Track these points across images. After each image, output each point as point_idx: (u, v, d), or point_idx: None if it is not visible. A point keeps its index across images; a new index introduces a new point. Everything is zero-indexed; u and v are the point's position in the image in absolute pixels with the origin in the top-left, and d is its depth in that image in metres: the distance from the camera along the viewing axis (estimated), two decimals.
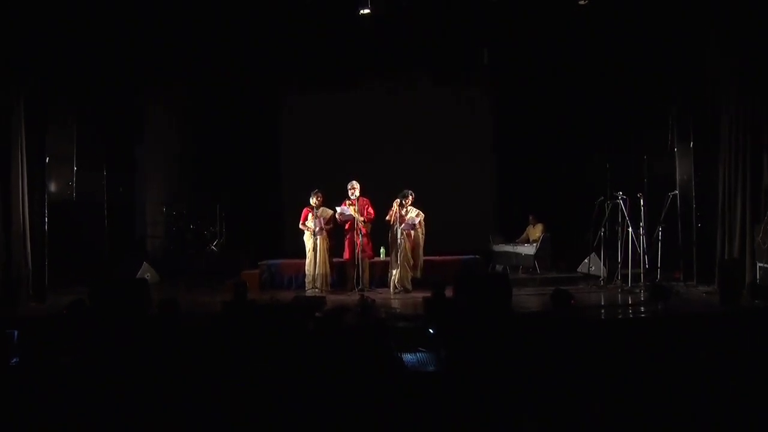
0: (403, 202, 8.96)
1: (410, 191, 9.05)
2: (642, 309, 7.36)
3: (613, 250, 9.14)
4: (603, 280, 9.25)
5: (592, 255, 9.71)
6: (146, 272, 10.04)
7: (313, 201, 9.24)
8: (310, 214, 9.25)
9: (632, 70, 10.05)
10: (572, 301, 6.76)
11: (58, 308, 6.81)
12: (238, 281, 7.30)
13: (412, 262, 9.04)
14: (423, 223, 9.14)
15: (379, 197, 9.50)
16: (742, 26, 8.15)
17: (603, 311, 7.36)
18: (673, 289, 8.11)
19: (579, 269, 10.01)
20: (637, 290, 8.55)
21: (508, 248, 10.62)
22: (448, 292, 6.85)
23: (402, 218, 8.96)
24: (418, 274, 9.11)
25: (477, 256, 10.01)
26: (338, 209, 9.15)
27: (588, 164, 11.03)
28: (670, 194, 9.06)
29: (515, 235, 11.00)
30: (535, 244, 10.37)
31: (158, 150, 11.59)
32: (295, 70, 11.61)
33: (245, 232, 11.39)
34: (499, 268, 10.71)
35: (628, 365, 4.24)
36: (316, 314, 5.73)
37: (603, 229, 9.16)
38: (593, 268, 9.70)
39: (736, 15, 8.24)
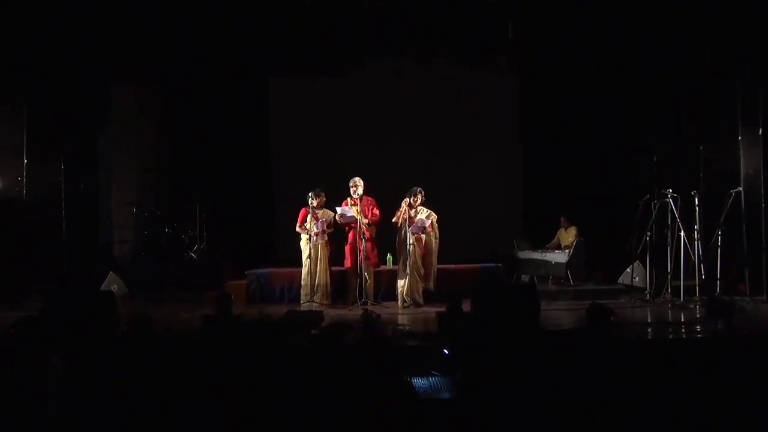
0: (412, 201, 8.99)
1: (419, 189, 9.09)
2: (698, 328, 7.27)
3: (661, 258, 9.10)
4: (649, 293, 9.23)
5: (636, 263, 9.69)
6: (113, 284, 10.11)
7: (313, 202, 9.30)
8: (308, 216, 9.31)
9: (686, 41, 9.85)
10: (612, 318, 6.72)
11: (3, 327, 6.84)
12: (221, 293, 7.31)
13: (423, 271, 9.04)
14: (436, 225, 9.16)
15: (385, 196, 9.55)
16: None
17: (650, 330, 7.35)
18: (737, 304, 7.76)
19: (620, 280, 10.01)
20: (692, 306, 8.50)
21: (536, 255, 10.64)
22: (466, 306, 6.87)
23: (411, 220, 8.97)
24: (431, 285, 9.13)
25: (499, 265, 10.04)
26: (338, 210, 9.20)
27: (631, 156, 11.04)
28: (733, 191, 8.95)
29: (544, 240, 11.04)
30: (567, 251, 10.38)
31: (127, 140, 11.67)
32: (287, 48, 11.69)
33: (230, 237, 11.48)
34: (525, 278, 10.74)
35: (679, 394, 4.24)
36: (313, 332, 5.78)
37: (649, 233, 9.12)
38: (637, 279, 9.69)
39: None
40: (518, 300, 6.96)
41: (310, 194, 9.36)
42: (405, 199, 9.08)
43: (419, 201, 9.05)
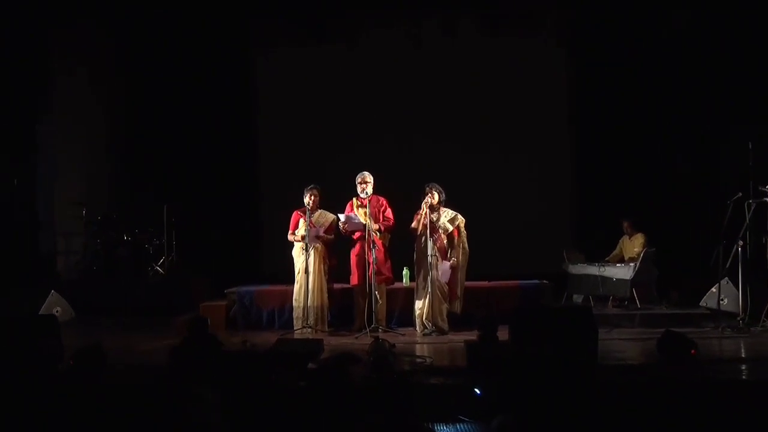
0: (430, 199, 8.98)
1: (436, 185, 9.09)
2: None
3: (757, 274, 9.03)
4: (742, 319, 9.16)
5: (724, 281, 9.55)
6: (55, 306, 10.12)
7: (306, 201, 9.30)
8: (301, 220, 9.32)
9: None
10: (693, 352, 6.70)
11: None
12: (194, 318, 7.30)
13: (447, 290, 9.04)
14: (464, 231, 9.14)
15: (400, 197, 9.54)
16: None
17: (744, 368, 7.24)
18: None
19: (703, 302, 9.91)
20: None
21: (592, 270, 10.59)
22: (502, 334, 6.83)
23: (433, 225, 8.97)
24: (458, 307, 9.14)
25: (544, 282, 9.98)
26: (342, 217, 9.20)
27: (717, 144, 10.94)
28: None
29: (602, 250, 11.00)
30: (632, 265, 10.32)
31: (75, 127, 11.73)
32: (275, 11, 11.77)
33: (205, 246, 11.53)
34: (577, 298, 10.70)
35: None
36: (310, 366, 5.74)
37: (741, 242, 9.03)
38: (726, 301, 9.56)
39: None
40: (569, 327, 6.90)
41: (304, 192, 9.36)
42: (425, 200, 9.05)
43: (436, 199, 9.02)
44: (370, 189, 9.22)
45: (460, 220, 9.13)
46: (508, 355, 6.26)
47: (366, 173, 9.30)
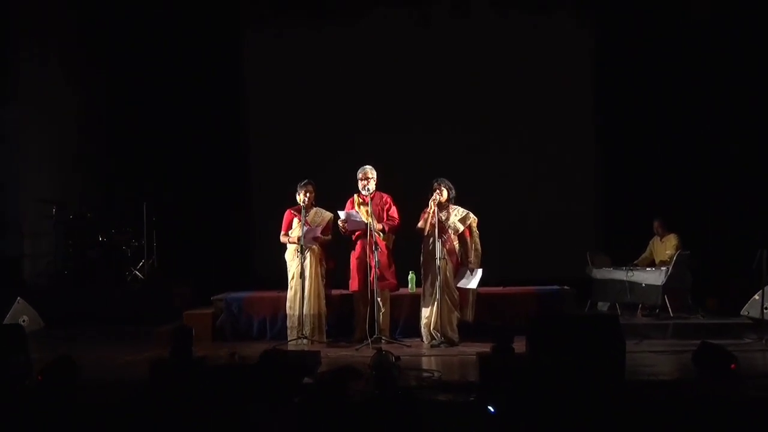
0: (438, 196, 8.95)
1: (444, 180, 9.08)
2: None
3: None
4: None
5: None
6: (22, 315, 10.10)
7: (300, 198, 9.29)
8: (295, 220, 9.32)
9: None
10: (733, 366, 6.66)
11: None
12: (177, 328, 7.29)
13: (458, 296, 9.04)
14: (476, 231, 9.10)
15: (405, 193, 9.53)
16: None
17: None
18: None
19: (744, 311, 9.89)
20: None
21: (619, 275, 10.57)
22: (518, 346, 6.81)
23: (441, 225, 8.96)
24: (470, 315, 9.14)
25: (565, 287, 9.96)
26: (342, 213, 9.19)
27: (757, 134, 10.91)
28: None
29: (630, 253, 10.99)
30: (664, 269, 10.30)
31: (43, 116, 11.73)
32: None
33: (190, 248, 11.54)
34: (602, 306, 10.69)
35: None
36: (305, 381, 5.73)
37: None
38: None
39: None
40: (593, 338, 6.86)
41: (297, 189, 9.34)
42: (433, 197, 9.02)
43: (445, 196, 9.00)
44: (372, 185, 9.19)
45: (472, 219, 9.10)
46: (525, 368, 6.24)
47: (368, 168, 9.27)
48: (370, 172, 9.24)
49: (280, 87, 12.09)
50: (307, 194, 9.26)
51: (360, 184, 9.22)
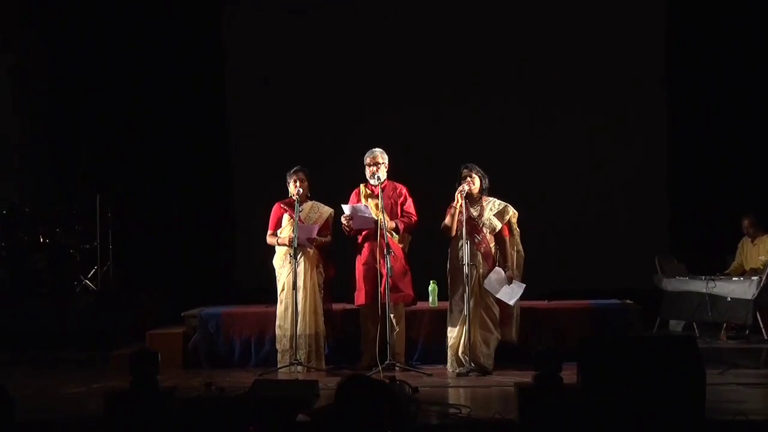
0: (468, 187, 8.90)
1: (476, 167, 9.03)
2: None
3: None
4: None
5: None
6: None
7: (291, 189, 9.29)
8: (285, 216, 9.32)
9: None
10: None
11: None
12: (138, 351, 7.27)
13: (496, 312, 9.05)
14: (516, 229, 9.12)
15: (425, 183, 9.56)
16: None
17: None
18: None
19: None
20: None
21: (697, 286, 10.50)
22: (568, 375, 6.78)
23: (473, 223, 8.94)
24: (514, 335, 9.18)
25: (628, 302, 9.97)
26: (345, 208, 9.19)
27: None
28: None
29: (712, 258, 10.99)
30: (755, 278, 10.24)
31: None
32: None
33: (155, 252, 11.60)
34: (676, 326, 10.68)
35: None
36: (299, 418, 5.72)
37: None
38: None
39: None
40: (664, 366, 6.83)
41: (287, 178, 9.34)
42: (461, 188, 8.98)
43: (477, 186, 8.97)
44: (383, 173, 9.19)
45: (512, 213, 9.07)
46: (576, 404, 6.20)
47: (378, 151, 9.27)
48: (381, 156, 9.23)
49: (267, 56, 12.16)
50: (300, 183, 9.24)
51: (368, 172, 9.22)
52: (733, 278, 10.44)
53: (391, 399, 4.93)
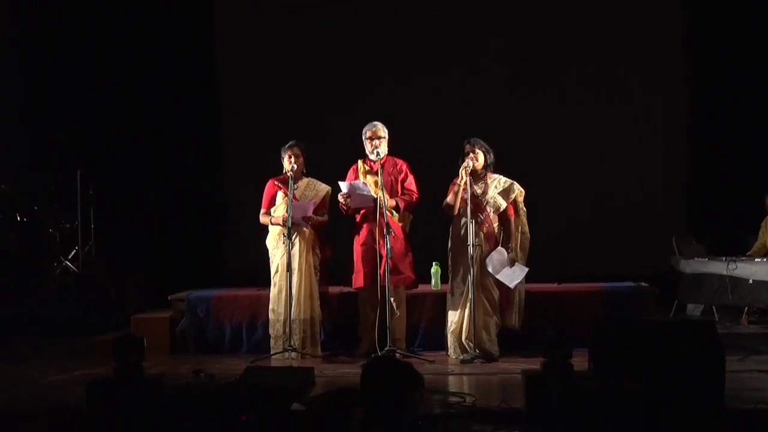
0: (472, 163, 8.91)
1: (480, 141, 9.01)
2: None
3: None
4: None
5: None
6: None
7: (286, 164, 9.29)
8: (279, 194, 9.33)
9: None
10: None
11: None
12: (122, 337, 7.26)
13: (498, 296, 9.07)
14: (523, 209, 9.10)
15: (426, 159, 9.57)
16: None
17: None
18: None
19: None
20: None
21: (717, 267, 10.53)
22: (578, 362, 6.79)
23: (477, 201, 8.94)
24: (516, 320, 9.18)
25: (643, 285, 9.99)
26: (343, 185, 9.19)
27: None
28: None
29: (732, 238, 11.01)
30: None
31: None
32: None
33: (140, 232, 11.59)
34: (694, 310, 10.72)
35: None
36: (294, 407, 5.73)
37: None
38: None
39: None
40: (681, 352, 6.84)
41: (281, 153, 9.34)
42: (465, 164, 8.97)
43: (481, 162, 8.97)
44: (384, 147, 9.19)
45: (518, 191, 9.06)
46: (588, 393, 6.22)
47: (378, 125, 9.26)
48: (382, 130, 9.23)
49: (259, 24, 12.14)
50: (294, 158, 9.24)
51: (368, 146, 9.22)
52: (756, 259, 10.46)
53: (418, 381, 4.97)
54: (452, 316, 9.07)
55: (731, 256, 10.51)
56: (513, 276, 8.94)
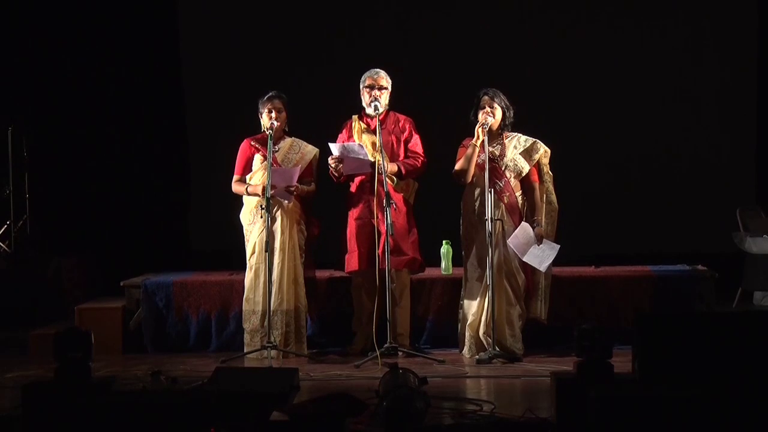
0: (488, 119, 8.84)
1: (498, 93, 9.00)
2: None
3: None
4: None
5: None
6: None
7: (265, 121, 9.30)
8: (257, 157, 9.36)
9: None
10: None
11: None
12: (66, 331, 7.31)
13: (521, 281, 9.13)
14: (549, 173, 9.12)
15: (433, 115, 9.70)
16: None
17: None
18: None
19: None
20: None
21: None
22: (620, 362, 6.84)
23: (494, 165, 8.92)
24: (542, 311, 9.26)
25: (699, 268, 10.04)
26: (334, 147, 9.21)
27: None
28: None
29: None
30: None
31: None
32: None
33: (85, 204, 11.65)
34: (761, 298, 10.78)
35: None
36: (274, 416, 5.78)
37: None
38: None
39: None
40: (744, 348, 6.89)
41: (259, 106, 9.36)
42: (481, 120, 8.96)
43: (499, 117, 8.96)
44: (385, 99, 9.22)
45: (543, 151, 9.07)
46: (632, 399, 6.27)
47: (381, 72, 9.30)
48: (385, 79, 9.26)
49: None
50: (275, 113, 9.25)
51: (365, 97, 9.26)
52: None
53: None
54: (469, 307, 9.12)
55: None
56: (543, 257, 8.91)
